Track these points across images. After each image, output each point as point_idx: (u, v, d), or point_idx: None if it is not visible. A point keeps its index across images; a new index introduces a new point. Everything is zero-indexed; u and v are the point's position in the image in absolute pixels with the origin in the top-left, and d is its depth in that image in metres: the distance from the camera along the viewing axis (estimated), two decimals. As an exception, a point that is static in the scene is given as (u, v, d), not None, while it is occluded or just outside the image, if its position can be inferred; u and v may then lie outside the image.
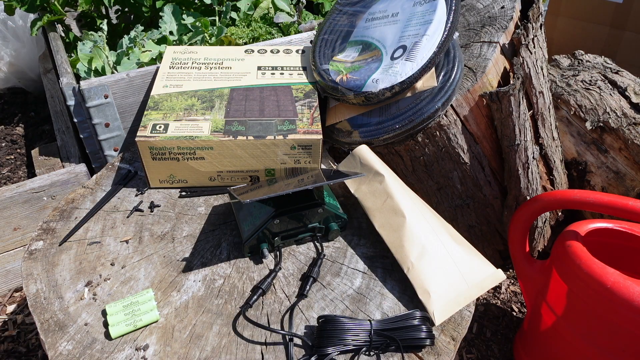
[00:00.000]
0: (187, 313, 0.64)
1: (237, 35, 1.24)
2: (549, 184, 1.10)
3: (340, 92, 0.85)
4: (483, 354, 1.11)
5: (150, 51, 1.14)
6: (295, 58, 0.99)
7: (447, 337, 0.62)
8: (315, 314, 0.64)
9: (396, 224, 0.70)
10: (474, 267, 0.69)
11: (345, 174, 0.72)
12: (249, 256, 0.71)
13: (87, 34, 1.21)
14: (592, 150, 1.14)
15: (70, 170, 1.11)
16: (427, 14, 0.86)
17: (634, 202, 0.80)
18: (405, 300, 0.66)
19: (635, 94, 1.11)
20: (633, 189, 1.10)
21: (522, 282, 1.03)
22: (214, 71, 0.93)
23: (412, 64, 0.81)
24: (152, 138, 0.77)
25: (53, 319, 0.63)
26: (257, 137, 0.78)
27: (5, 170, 1.49)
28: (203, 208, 0.80)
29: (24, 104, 1.80)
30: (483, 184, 1.00)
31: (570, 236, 0.88)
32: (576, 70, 1.21)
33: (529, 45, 0.91)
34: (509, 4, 0.98)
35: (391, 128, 0.84)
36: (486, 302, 1.21)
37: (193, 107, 0.83)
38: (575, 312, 0.86)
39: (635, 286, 0.76)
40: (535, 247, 1.17)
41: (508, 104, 0.88)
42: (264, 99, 0.86)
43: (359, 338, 0.59)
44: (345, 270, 0.70)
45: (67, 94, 0.97)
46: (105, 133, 1.01)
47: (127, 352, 0.59)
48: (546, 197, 0.91)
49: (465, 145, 0.92)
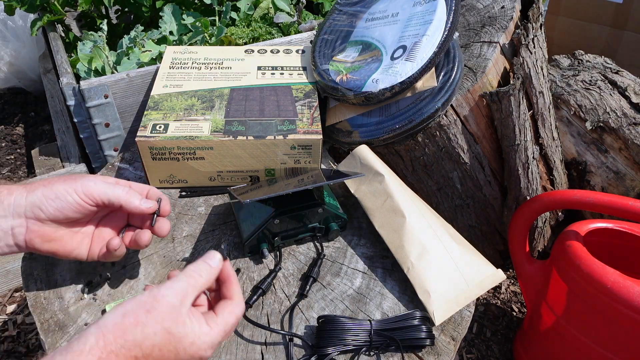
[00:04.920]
0: (187, 313, 0.64)
1: (237, 35, 1.24)
2: (549, 184, 1.10)
3: (340, 92, 0.85)
4: (483, 354, 1.11)
5: (150, 51, 1.14)
6: (295, 58, 0.99)
7: (447, 337, 0.62)
8: (315, 314, 0.64)
9: (396, 224, 0.70)
10: (474, 267, 0.69)
11: (345, 174, 0.72)
12: (249, 256, 0.71)
13: (87, 34, 1.21)
14: (592, 150, 1.14)
15: (70, 170, 1.11)
16: (427, 14, 0.86)
17: (634, 202, 0.80)
18: (405, 300, 0.66)
19: (635, 94, 1.11)
20: (633, 189, 1.10)
21: (522, 282, 1.03)
22: (214, 71, 0.93)
23: (412, 64, 0.81)
24: (152, 138, 0.77)
25: (53, 319, 0.63)
26: (257, 137, 0.78)
27: (5, 170, 1.49)
28: (203, 208, 0.80)
29: (24, 104, 1.80)
30: (483, 184, 1.00)
31: (570, 236, 0.88)
32: (576, 70, 1.21)
33: (529, 45, 0.91)
34: (509, 4, 0.98)
35: (391, 128, 0.84)
36: (486, 302, 1.21)
37: (193, 107, 0.83)
38: (575, 312, 0.86)
39: (635, 286, 0.76)
40: (535, 247, 1.17)
41: (508, 104, 0.88)
42: (264, 99, 0.86)
43: (359, 338, 0.59)
44: (345, 270, 0.70)
45: (67, 94, 0.97)
46: (105, 133, 1.01)
47: (127, 352, 0.59)
48: (546, 197, 0.91)
49: (465, 145, 0.92)
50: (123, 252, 0.60)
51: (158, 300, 0.44)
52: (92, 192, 0.54)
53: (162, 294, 0.44)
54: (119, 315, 0.42)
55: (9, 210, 0.52)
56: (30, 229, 0.53)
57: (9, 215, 0.52)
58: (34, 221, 0.53)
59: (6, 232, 0.52)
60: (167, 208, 0.61)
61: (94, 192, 0.54)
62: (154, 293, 0.44)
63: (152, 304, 0.43)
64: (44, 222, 0.53)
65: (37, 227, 0.53)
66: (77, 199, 0.54)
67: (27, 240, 0.54)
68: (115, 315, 0.42)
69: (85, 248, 0.59)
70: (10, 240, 0.53)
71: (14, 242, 0.53)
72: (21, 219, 0.52)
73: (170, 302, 0.44)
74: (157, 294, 0.44)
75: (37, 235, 0.54)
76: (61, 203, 0.53)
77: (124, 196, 0.56)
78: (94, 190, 0.54)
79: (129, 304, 0.43)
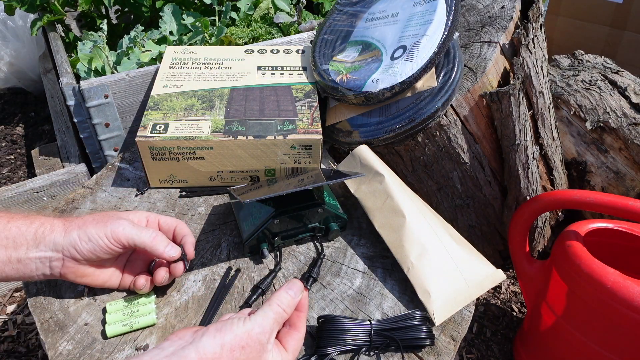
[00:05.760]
0: (187, 313, 0.64)
1: (237, 35, 1.24)
2: (549, 184, 1.10)
3: (340, 92, 0.85)
4: (483, 354, 1.11)
5: (150, 51, 1.14)
6: (295, 58, 0.99)
7: (447, 337, 0.62)
8: (315, 314, 0.64)
9: (396, 224, 0.70)
10: (474, 267, 0.69)
11: (345, 174, 0.72)
12: (249, 256, 0.71)
13: (87, 34, 1.21)
14: (592, 150, 1.14)
15: (70, 170, 1.11)
16: (427, 14, 0.86)
17: (634, 202, 0.80)
18: (405, 300, 0.66)
19: (635, 94, 1.11)
20: (633, 189, 1.10)
21: (522, 282, 1.03)
22: (214, 71, 0.93)
23: (412, 64, 0.81)
24: (152, 138, 0.77)
25: (53, 319, 0.63)
26: (257, 137, 0.78)
27: (5, 170, 1.49)
28: (203, 208, 0.80)
29: (24, 104, 1.80)
30: (483, 184, 1.00)
31: (570, 236, 0.88)
32: (576, 70, 1.21)
33: (529, 45, 0.91)
34: (509, 4, 0.98)
35: (391, 128, 0.84)
36: (486, 302, 1.21)
37: (193, 107, 0.83)
38: (575, 312, 0.86)
39: (635, 286, 0.76)
40: (535, 247, 1.17)
41: (508, 104, 0.88)
42: (264, 99, 0.86)
43: (359, 338, 0.59)
44: (345, 270, 0.70)
45: (67, 94, 0.97)
46: (105, 133, 1.01)
47: (127, 352, 0.59)
48: (546, 197, 0.91)
49: (465, 145, 0.92)
50: (149, 288, 0.64)
51: (251, 337, 0.49)
52: (119, 236, 0.58)
53: (255, 331, 0.49)
54: (217, 345, 0.47)
55: (49, 245, 0.57)
56: (65, 265, 0.58)
57: (49, 250, 0.57)
58: (70, 259, 0.58)
59: (44, 263, 0.58)
60: (190, 251, 0.64)
61: (121, 237, 0.58)
62: (247, 328, 0.49)
63: (247, 341, 0.49)
64: (79, 261, 0.59)
65: (72, 264, 0.59)
66: (107, 242, 0.58)
67: (62, 274, 0.59)
68: (214, 344, 0.47)
69: (116, 281, 0.64)
70: (48, 271, 0.59)
71: (50, 272, 0.59)
72: (59, 255, 0.58)
73: (260, 340, 0.50)
74: (251, 330, 0.49)
75: (71, 271, 0.59)
76: (93, 246, 0.58)
77: (150, 243, 0.60)
78: (122, 235, 0.58)
79: (226, 335, 0.48)
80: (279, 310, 0.52)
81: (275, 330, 0.52)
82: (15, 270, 0.57)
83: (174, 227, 0.65)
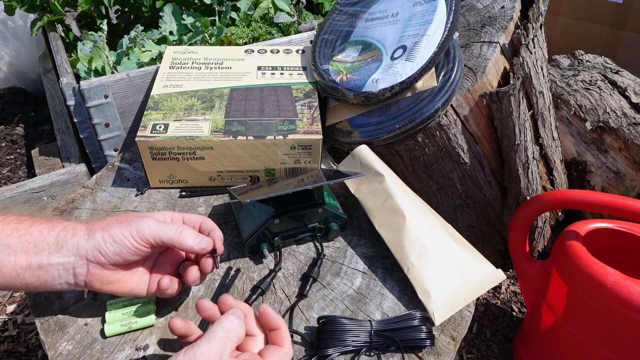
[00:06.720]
0: (187, 313, 0.64)
1: (237, 35, 1.24)
2: (549, 184, 1.10)
3: (340, 92, 0.85)
4: (483, 354, 1.11)
5: (150, 51, 1.14)
6: (295, 58, 0.99)
7: (447, 337, 0.62)
8: (315, 314, 0.64)
9: (396, 224, 0.70)
10: (474, 267, 0.69)
11: (345, 174, 0.72)
12: (249, 256, 0.71)
13: (87, 34, 1.21)
14: (592, 150, 1.14)
15: (70, 170, 1.11)
16: (427, 14, 0.86)
17: (634, 202, 0.80)
18: (405, 300, 0.66)
19: (635, 94, 1.11)
20: (633, 189, 1.10)
21: (522, 282, 1.03)
22: (214, 71, 0.93)
23: (412, 64, 0.81)
24: (152, 138, 0.77)
25: (53, 319, 0.63)
26: (257, 137, 0.78)
27: (5, 170, 1.49)
28: (203, 208, 0.80)
29: (24, 104, 1.80)
30: (483, 184, 1.00)
31: (570, 236, 0.88)
32: (576, 70, 1.21)
33: (529, 45, 0.91)
34: (509, 4, 0.98)
35: (391, 128, 0.84)
36: (486, 302, 1.21)
37: (193, 107, 0.83)
38: (575, 312, 0.86)
39: (635, 286, 0.76)
40: (535, 247, 1.17)
41: (508, 104, 0.88)
42: (264, 99, 0.86)
43: (359, 339, 0.59)
44: (345, 270, 0.70)
45: (67, 94, 0.97)
46: (105, 133, 1.01)
47: (127, 352, 0.59)
48: (546, 197, 0.91)
49: (465, 145, 0.92)
50: (175, 289, 0.59)
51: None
52: (145, 234, 0.54)
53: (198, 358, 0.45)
54: None
55: (72, 251, 0.53)
56: (90, 272, 0.54)
57: (72, 255, 0.53)
58: (95, 264, 0.54)
59: (68, 271, 0.54)
60: (220, 246, 0.60)
61: (147, 235, 0.55)
62: (190, 356, 0.45)
63: None
64: (105, 266, 0.55)
65: (97, 270, 0.54)
66: (133, 242, 0.54)
67: (87, 282, 0.55)
68: None
69: (144, 286, 0.59)
70: (71, 280, 0.54)
71: (74, 281, 0.55)
72: (83, 261, 0.54)
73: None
74: (194, 358, 0.45)
75: (97, 278, 0.55)
76: (119, 247, 0.54)
77: (177, 237, 0.56)
78: (147, 233, 0.55)
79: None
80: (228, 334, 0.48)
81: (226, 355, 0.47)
82: (36, 278, 0.53)
83: (199, 224, 0.61)
